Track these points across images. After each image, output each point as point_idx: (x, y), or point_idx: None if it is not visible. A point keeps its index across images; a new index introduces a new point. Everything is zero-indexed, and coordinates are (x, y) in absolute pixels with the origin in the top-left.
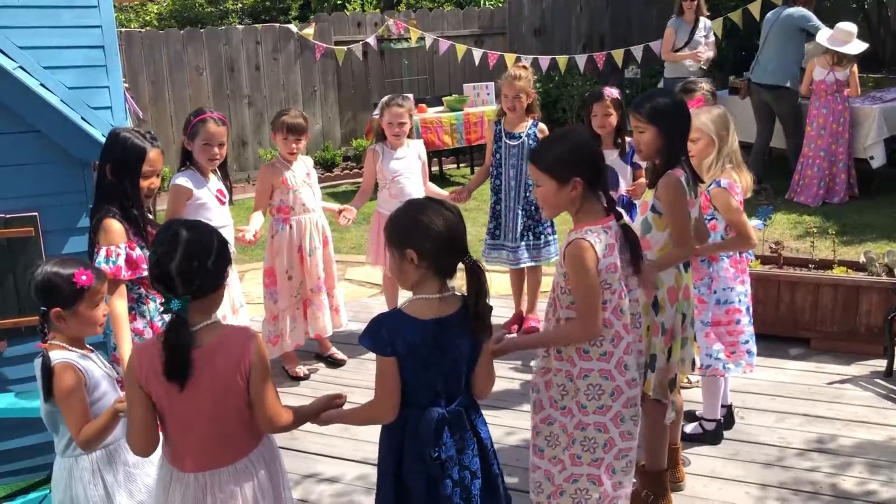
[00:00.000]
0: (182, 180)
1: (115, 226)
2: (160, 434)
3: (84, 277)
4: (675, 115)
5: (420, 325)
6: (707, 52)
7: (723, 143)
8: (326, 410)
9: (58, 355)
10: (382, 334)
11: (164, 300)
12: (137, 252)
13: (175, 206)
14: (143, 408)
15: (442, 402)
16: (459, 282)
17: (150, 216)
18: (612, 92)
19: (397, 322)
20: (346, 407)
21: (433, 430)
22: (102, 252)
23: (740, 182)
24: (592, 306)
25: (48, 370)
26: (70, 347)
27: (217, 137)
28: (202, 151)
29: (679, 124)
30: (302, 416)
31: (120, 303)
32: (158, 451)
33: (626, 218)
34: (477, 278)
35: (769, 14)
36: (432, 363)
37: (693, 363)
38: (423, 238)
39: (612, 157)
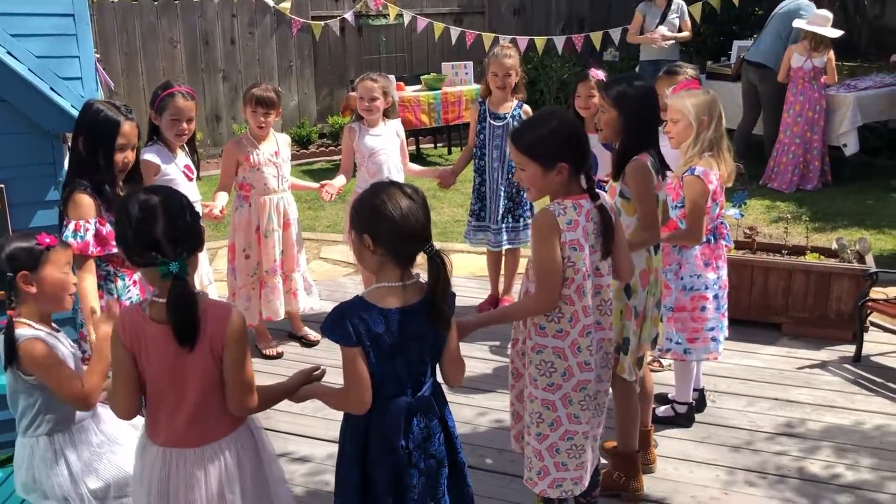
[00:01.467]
0: (149, 156)
1: (85, 200)
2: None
3: (47, 239)
4: (638, 103)
5: (384, 314)
6: (665, 39)
7: (701, 129)
8: (304, 385)
9: (26, 332)
10: (345, 324)
11: (159, 266)
12: (108, 228)
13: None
14: (129, 369)
15: (408, 392)
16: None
17: (121, 192)
18: (597, 73)
19: (360, 310)
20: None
21: (401, 420)
22: (71, 226)
23: (719, 170)
24: (548, 276)
25: (11, 341)
26: (37, 325)
27: (185, 112)
28: (170, 127)
29: (642, 111)
30: (277, 394)
31: (89, 278)
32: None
33: (604, 197)
34: (437, 268)
35: (783, 2)
36: (397, 352)
37: (655, 341)
38: (379, 224)
39: (592, 140)
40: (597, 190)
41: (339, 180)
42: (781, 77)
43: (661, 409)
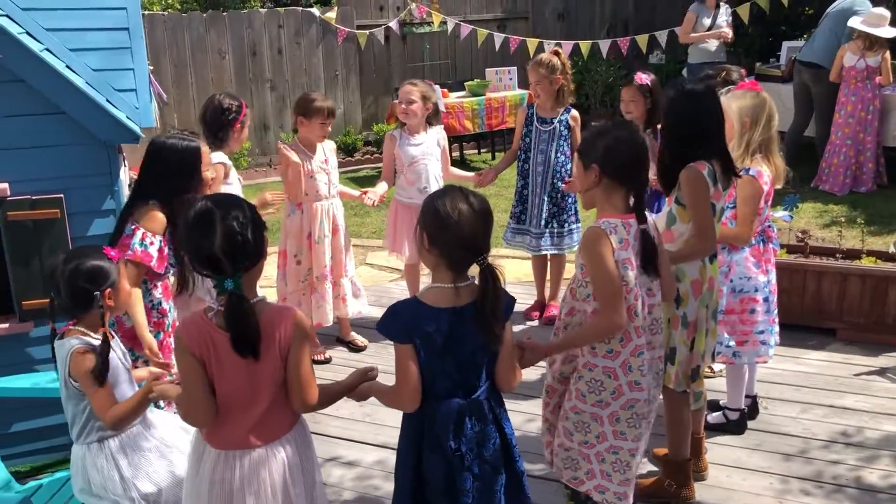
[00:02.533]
0: (220, 157)
1: (159, 216)
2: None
3: (113, 252)
4: (675, 109)
5: (435, 313)
6: (730, 33)
7: (743, 130)
8: (361, 384)
9: (77, 341)
10: (398, 322)
11: (215, 283)
12: (166, 250)
13: (215, 185)
14: (200, 377)
15: (461, 393)
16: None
17: None
18: (640, 77)
19: (413, 310)
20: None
21: (453, 421)
22: (139, 234)
23: (770, 172)
24: (612, 296)
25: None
26: (90, 333)
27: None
28: (242, 134)
29: (686, 118)
30: (335, 393)
31: (136, 291)
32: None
33: (650, 219)
34: (487, 281)
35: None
36: (448, 352)
37: (713, 354)
38: (434, 225)
39: None
40: (646, 213)
41: (381, 187)
42: (833, 77)
43: (713, 416)
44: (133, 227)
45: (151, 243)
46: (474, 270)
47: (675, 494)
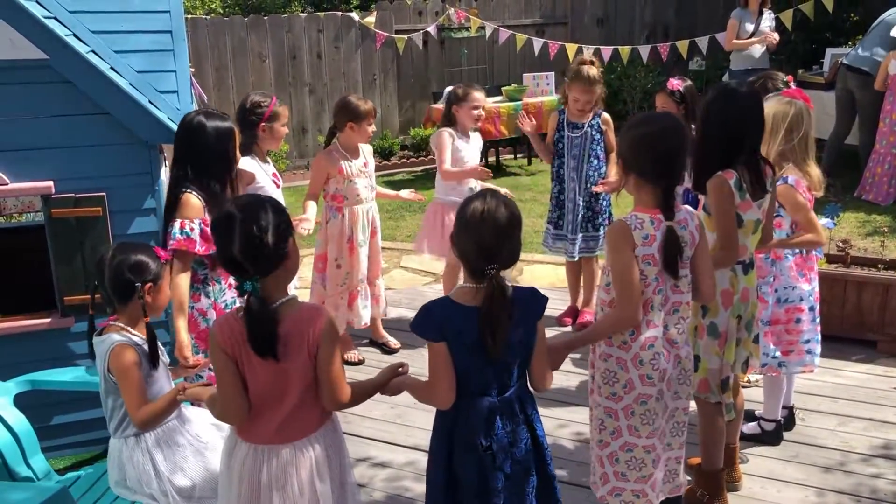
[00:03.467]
0: (248, 164)
1: (192, 200)
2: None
3: (162, 252)
4: (713, 108)
5: (465, 312)
6: (776, 37)
7: (773, 137)
8: (392, 380)
9: (120, 336)
10: (431, 320)
11: (236, 283)
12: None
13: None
14: (233, 375)
15: (493, 392)
16: (516, 273)
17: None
18: (673, 83)
19: (445, 308)
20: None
21: (484, 419)
22: (177, 224)
23: (807, 179)
24: (626, 289)
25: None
26: (130, 330)
27: (287, 117)
28: (279, 133)
29: (719, 118)
30: (367, 390)
31: (183, 277)
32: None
33: (689, 213)
34: (491, 292)
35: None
36: (478, 350)
37: (746, 364)
38: (458, 227)
39: None
40: (678, 208)
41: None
42: (879, 85)
43: (748, 426)
44: (172, 221)
45: (192, 229)
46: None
47: None
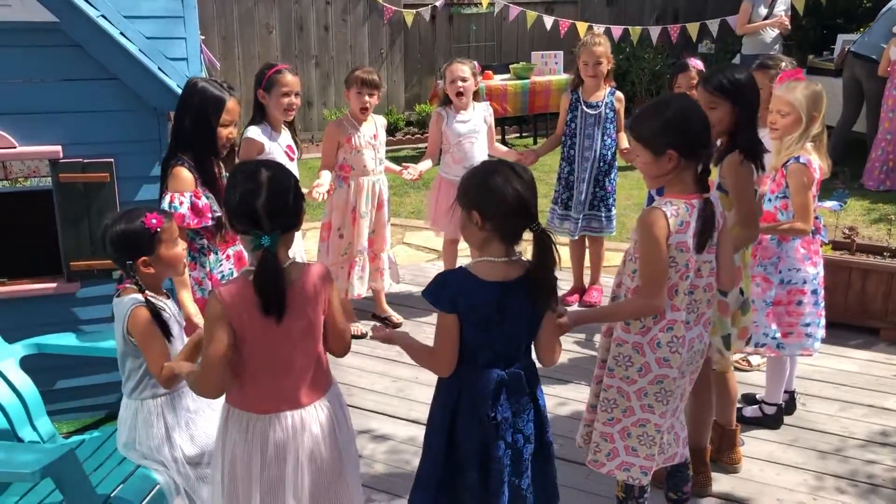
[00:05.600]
0: (254, 133)
1: (183, 173)
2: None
3: (154, 220)
4: (750, 92)
5: (484, 286)
6: (787, 22)
7: (810, 124)
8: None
9: (133, 298)
10: (446, 291)
11: (252, 237)
12: (203, 201)
13: (246, 159)
14: (225, 345)
15: (500, 364)
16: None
17: (223, 168)
18: (696, 63)
19: (461, 281)
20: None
21: (491, 391)
22: (167, 198)
23: (821, 161)
24: (655, 279)
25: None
26: (148, 293)
27: (294, 86)
28: (279, 101)
29: (754, 101)
30: (350, 310)
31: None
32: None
33: (712, 197)
34: (543, 247)
35: None
36: (492, 325)
37: (727, 340)
38: (489, 201)
39: None
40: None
41: (425, 164)
42: (881, 71)
43: (749, 410)
44: (163, 193)
45: (181, 203)
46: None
47: (692, 483)
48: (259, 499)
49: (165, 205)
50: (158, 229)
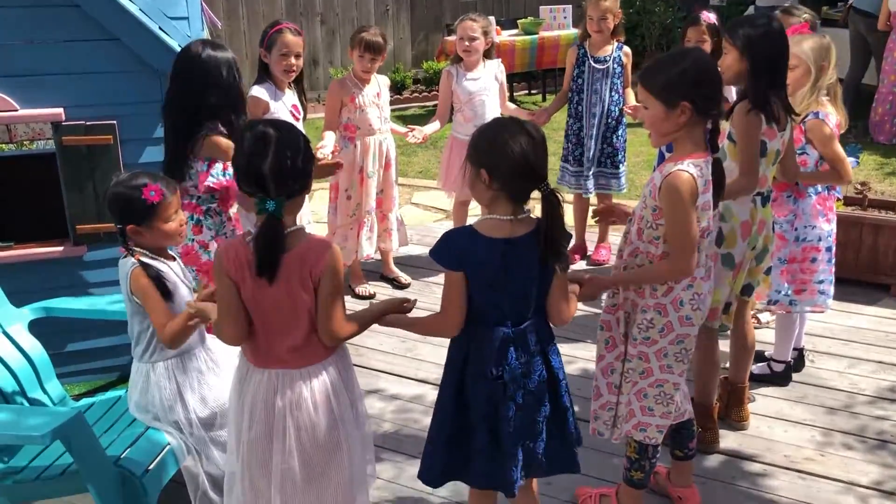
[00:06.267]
0: (258, 91)
1: (224, 142)
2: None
3: (153, 193)
4: (762, 43)
5: (489, 243)
6: None
7: (820, 75)
8: (393, 313)
9: (134, 262)
10: (452, 249)
11: (257, 201)
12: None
13: (254, 119)
14: (234, 298)
15: (508, 323)
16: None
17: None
18: (708, 16)
19: (467, 238)
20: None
21: (496, 349)
22: (219, 166)
23: (837, 115)
24: (687, 244)
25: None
26: (149, 254)
27: (293, 47)
28: (278, 62)
29: (767, 53)
30: (366, 320)
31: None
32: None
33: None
34: (552, 207)
35: None
36: (499, 282)
37: (751, 290)
38: (497, 159)
39: None
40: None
41: (432, 126)
42: (881, 24)
43: (758, 367)
44: (203, 162)
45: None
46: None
47: (700, 440)
48: (246, 448)
49: (218, 173)
50: (156, 203)
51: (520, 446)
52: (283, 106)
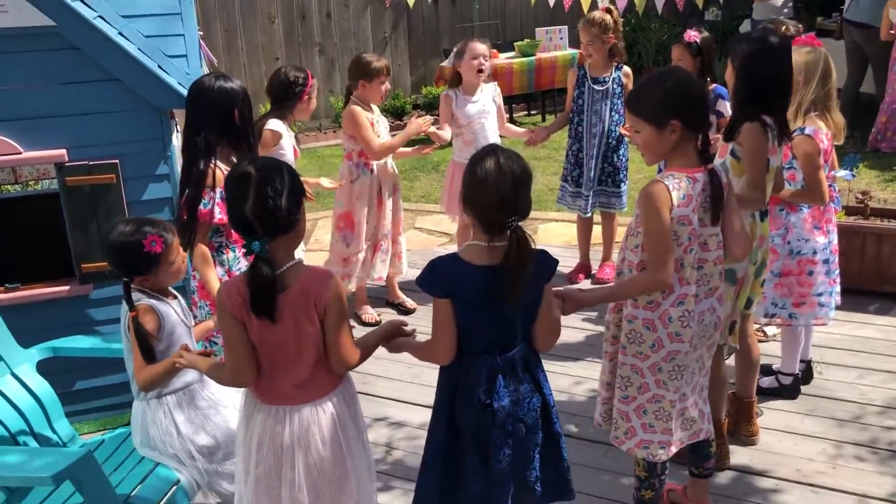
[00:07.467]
0: (277, 126)
1: (221, 177)
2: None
3: (154, 243)
4: (754, 62)
5: (472, 270)
6: None
7: (797, 88)
8: (395, 336)
9: (138, 298)
10: (437, 277)
11: (244, 243)
12: None
13: (262, 150)
14: (241, 337)
15: (496, 350)
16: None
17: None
18: (690, 35)
19: (451, 265)
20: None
21: (485, 377)
22: (207, 196)
23: (828, 129)
24: (660, 252)
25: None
26: (152, 293)
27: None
28: (310, 107)
29: (760, 72)
30: (370, 346)
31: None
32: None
33: (717, 166)
34: (516, 247)
35: None
36: (484, 309)
37: (749, 304)
38: (471, 188)
39: None
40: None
41: (446, 134)
42: (884, 35)
43: (765, 381)
44: (208, 197)
45: (212, 198)
46: None
47: None
48: (254, 483)
49: (205, 202)
50: (158, 252)
51: (510, 474)
52: (290, 140)
